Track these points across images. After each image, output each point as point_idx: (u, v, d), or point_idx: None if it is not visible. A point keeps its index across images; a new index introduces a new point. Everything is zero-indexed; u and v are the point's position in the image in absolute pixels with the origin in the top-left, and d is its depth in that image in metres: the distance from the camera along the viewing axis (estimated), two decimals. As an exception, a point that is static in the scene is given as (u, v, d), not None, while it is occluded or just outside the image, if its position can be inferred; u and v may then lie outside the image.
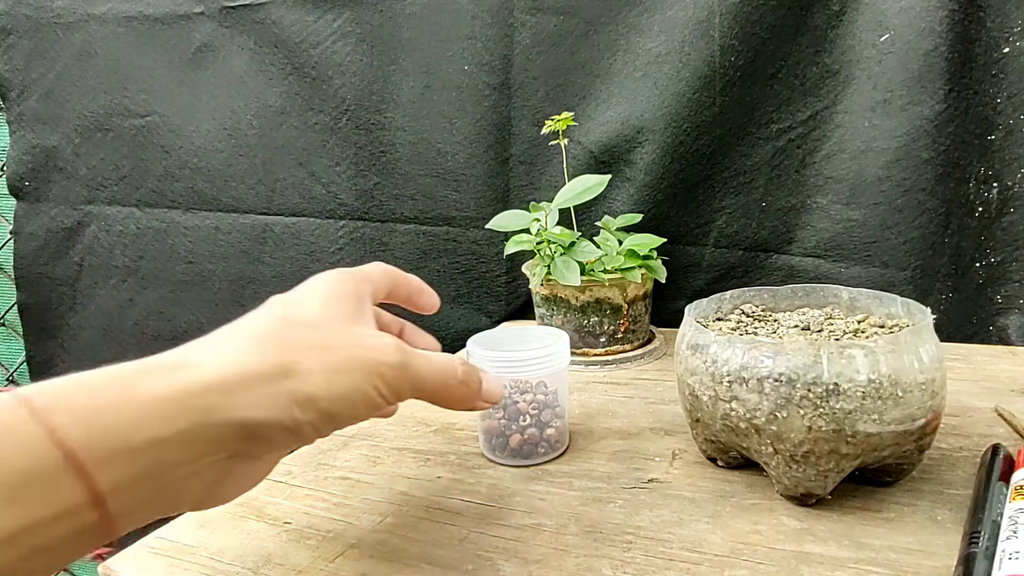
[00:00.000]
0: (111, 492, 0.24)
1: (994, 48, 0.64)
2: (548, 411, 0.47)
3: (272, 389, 0.28)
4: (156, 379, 0.26)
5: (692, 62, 0.70)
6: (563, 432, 0.48)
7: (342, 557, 0.38)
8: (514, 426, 0.47)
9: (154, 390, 0.26)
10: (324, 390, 0.29)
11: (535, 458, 0.47)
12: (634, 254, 0.64)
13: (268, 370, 0.28)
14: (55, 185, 0.98)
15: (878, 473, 0.40)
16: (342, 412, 0.30)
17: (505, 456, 0.47)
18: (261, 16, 0.85)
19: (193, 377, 0.27)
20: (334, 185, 0.86)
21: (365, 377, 0.31)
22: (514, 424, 0.47)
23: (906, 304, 0.43)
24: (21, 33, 0.96)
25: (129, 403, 0.25)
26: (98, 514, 0.24)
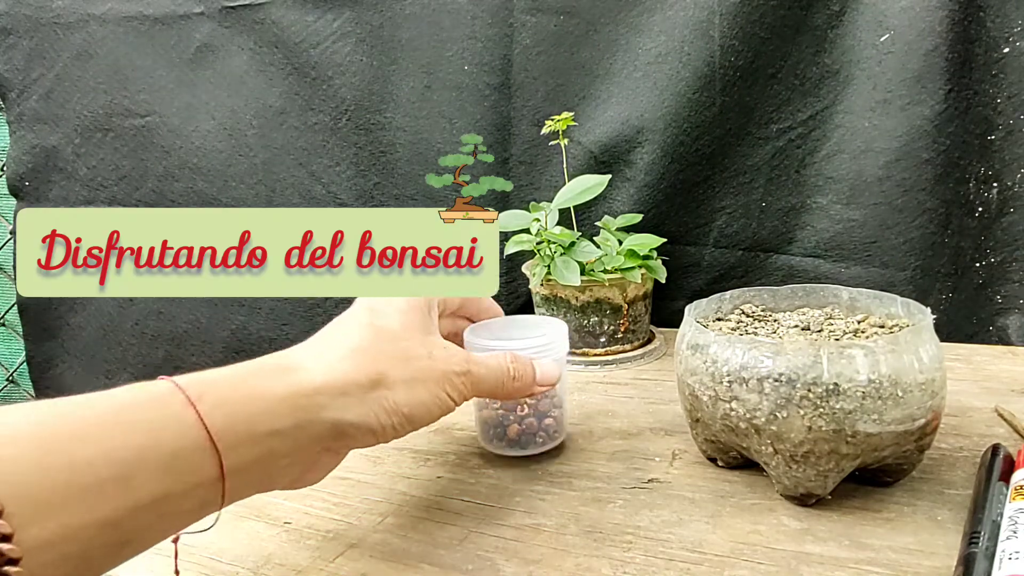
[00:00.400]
0: (232, 472, 0.29)
1: (994, 48, 0.64)
2: (546, 401, 0.47)
3: (365, 396, 0.33)
4: (277, 379, 0.31)
5: (692, 62, 0.70)
6: (561, 422, 0.48)
7: (342, 557, 0.38)
8: (512, 416, 0.47)
9: (275, 389, 0.31)
10: (406, 398, 0.35)
11: (533, 448, 0.47)
12: (634, 254, 0.64)
13: (362, 380, 0.34)
14: (55, 185, 0.98)
15: (878, 473, 0.40)
16: (421, 416, 0.36)
17: (503, 446, 0.47)
18: (261, 16, 0.85)
19: (304, 380, 0.32)
20: (334, 185, 0.86)
21: (438, 386, 0.37)
22: (512, 414, 0.47)
23: (906, 304, 0.43)
24: (21, 33, 0.96)
25: (257, 398, 0.30)
26: (220, 490, 0.29)
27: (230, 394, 0.30)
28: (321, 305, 0.88)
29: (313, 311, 0.88)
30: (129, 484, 0.26)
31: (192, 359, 0.94)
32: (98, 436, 0.26)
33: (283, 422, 0.31)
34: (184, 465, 0.27)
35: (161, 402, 0.28)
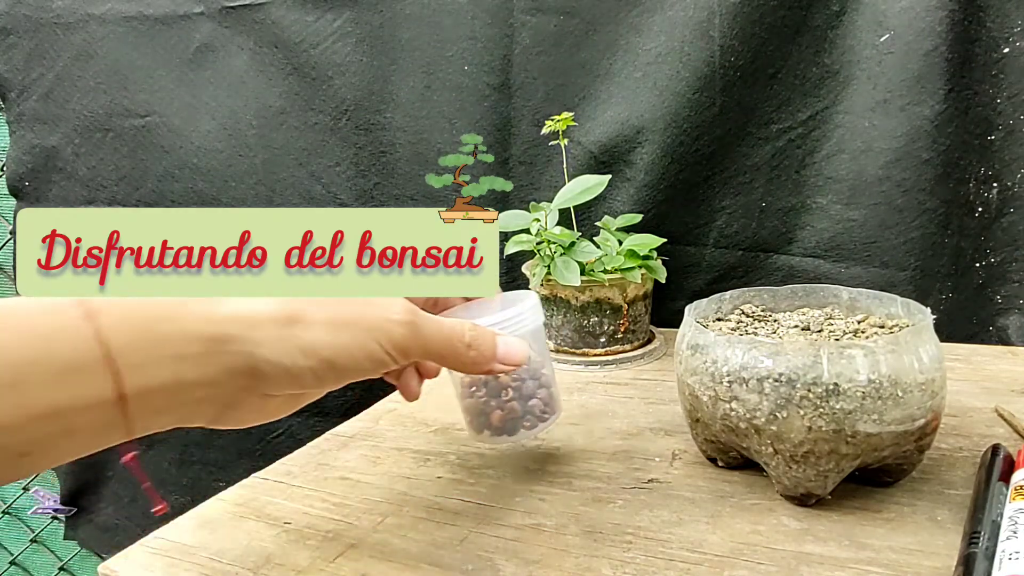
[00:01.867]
0: (134, 395, 0.28)
1: (994, 48, 0.64)
2: (531, 382, 0.44)
3: (279, 332, 0.31)
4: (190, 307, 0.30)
5: (692, 62, 0.70)
6: (550, 401, 0.45)
7: (342, 557, 0.38)
8: (494, 402, 0.44)
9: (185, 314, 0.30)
10: (327, 339, 0.32)
11: (521, 433, 0.44)
12: (634, 254, 0.64)
13: (277, 315, 0.31)
14: (55, 185, 0.98)
15: (878, 473, 0.40)
16: (345, 364, 0.32)
17: (490, 436, 0.44)
18: (261, 16, 0.85)
19: (217, 309, 0.31)
20: (334, 185, 0.86)
21: (370, 332, 0.33)
22: (494, 400, 0.44)
23: (906, 304, 0.43)
24: (21, 33, 0.96)
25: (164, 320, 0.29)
26: (120, 412, 0.28)
27: (136, 312, 0.29)
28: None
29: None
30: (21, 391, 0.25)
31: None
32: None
33: (191, 348, 0.29)
34: (78, 379, 0.27)
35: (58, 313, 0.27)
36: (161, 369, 0.28)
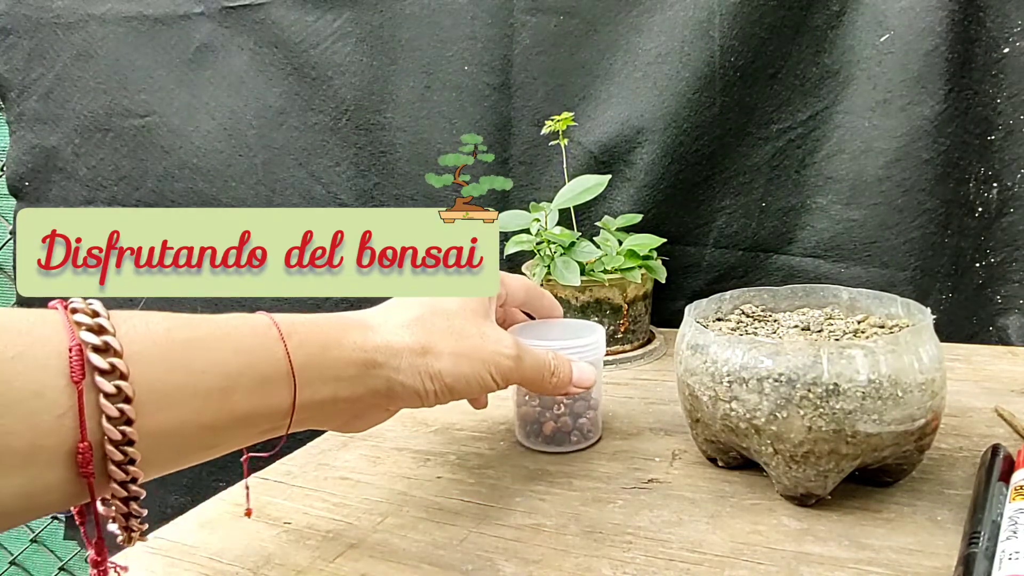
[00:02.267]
0: (301, 406, 0.33)
1: (994, 48, 0.64)
2: (582, 402, 0.48)
3: (413, 360, 0.37)
4: (350, 333, 0.36)
5: (692, 62, 0.70)
6: (596, 423, 0.50)
7: (342, 557, 0.38)
8: (548, 414, 0.48)
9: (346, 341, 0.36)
10: (450, 369, 0.38)
11: (567, 446, 0.48)
12: (634, 254, 0.64)
13: (414, 346, 0.38)
14: (55, 185, 0.98)
15: (878, 473, 0.40)
16: (461, 389, 0.39)
17: (539, 442, 0.49)
18: (261, 16, 0.85)
19: (370, 338, 0.37)
20: (334, 185, 0.86)
21: (484, 364, 0.39)
22: (548, 412, 0.48)
23: (906, 304, 0.43)
24: (21, 33, 0.96)
25: (332, 346, 0.35)
26: (286, 418, 0.33)
27: (312, 337, 0.34)
28: (321, 305, 0.88)
29: (313, 311, 0.88)
30: (229, 396, 0.30)
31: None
32: (211, 350, 0.30)
33: (348, 371, 0.35)
34: (271, 390, 0.32)
35: (260, 332, 0.33)
36: (325, 387, 0.34)
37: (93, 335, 0.26)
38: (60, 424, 0.25)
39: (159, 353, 0.28)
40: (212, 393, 0.29)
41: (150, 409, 0.27)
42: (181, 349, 0.29)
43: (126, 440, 0.26)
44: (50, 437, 0.25)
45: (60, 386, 0.25)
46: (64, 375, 0.25)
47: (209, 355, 0.30)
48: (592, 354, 0.47)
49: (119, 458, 0.26)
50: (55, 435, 0.25)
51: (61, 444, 0.25)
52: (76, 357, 0.26)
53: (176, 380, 0.28)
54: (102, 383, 0.26)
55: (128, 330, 0.28)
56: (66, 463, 0.25)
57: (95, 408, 0.26)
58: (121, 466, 0.26)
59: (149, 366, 0.27)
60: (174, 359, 0.29)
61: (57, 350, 0.26)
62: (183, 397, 0.28)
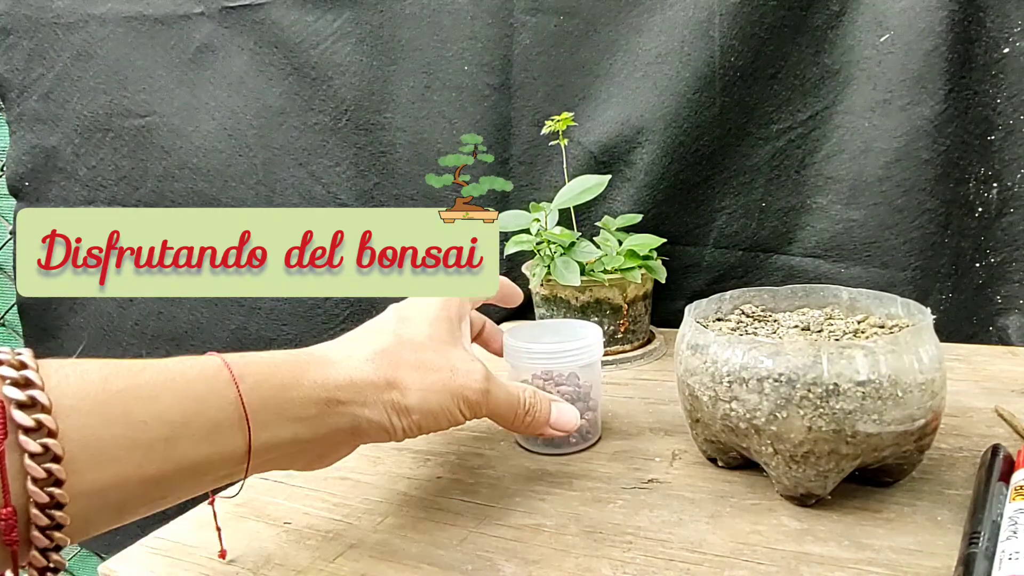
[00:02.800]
0: (257, 450, 0.31)
1: (994, 48, 0.64)
2: (580, 404, 0.48)
3: (379, 397, 0.36)
4: (308, 371, 0.34)
5: (692, 62, 0.70)
6: (595, 424, 0.50)
7: (342, 557, 0.38)
8: None
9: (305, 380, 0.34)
10: (417, 404, 0.37)
11: (566, 448, 0.48)
12: (634, 254, 0.64)
13: (379, 382, 0.36)
14: (55, 185, 0.98)
15: (878, 473, 0.40)
16: (429, 424, 0.38)
17: (538, 444, 0.49)
18: (261, 16, 0.85)
19: (331, 375, 0.35)
20: (334, 185, 0.86)
21: (452, 399, 0.38)
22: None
23: (906, 304, 0.43)
24: (21, 33, 0.96)
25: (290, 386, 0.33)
26: (242, 464, 0.31)
27: (267, 379, 0.32)
28: (321, 305, 0.88)
29: (313, 311, 0.88)
30: (174, 446, 0.28)
31: (192, 359, 0.94)
32: (153, 398, 0.28)
33: (308, 411, 0.33)
34: (221, 436, 0.30)
35: (209, 375, 0.31)
36: (283, 429, 0.33)
37: (17, 390, 0.25)
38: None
39: (93, 405, 0.26)
40: (155, 444, 0.28)
41: (84, 466, 0.25)
42: (118, 399, 0.27)
43: (54, 503, 0.24)
44: None
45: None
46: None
47: (150, 404, 0.28)
48: (588, 357, 0.47)
49: (44, 523, 0.24)
50: None
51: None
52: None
53: (113, 433, 0.27)
54: (26, 442, 0.24)
55: (59, 382, 0.26)
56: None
57: (19, 469, 0.24)
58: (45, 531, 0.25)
59: (83, 420, 0.26)
60: (110, 411, 0.27)
61: None
62: (122, 451, 0.27)
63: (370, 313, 0.43)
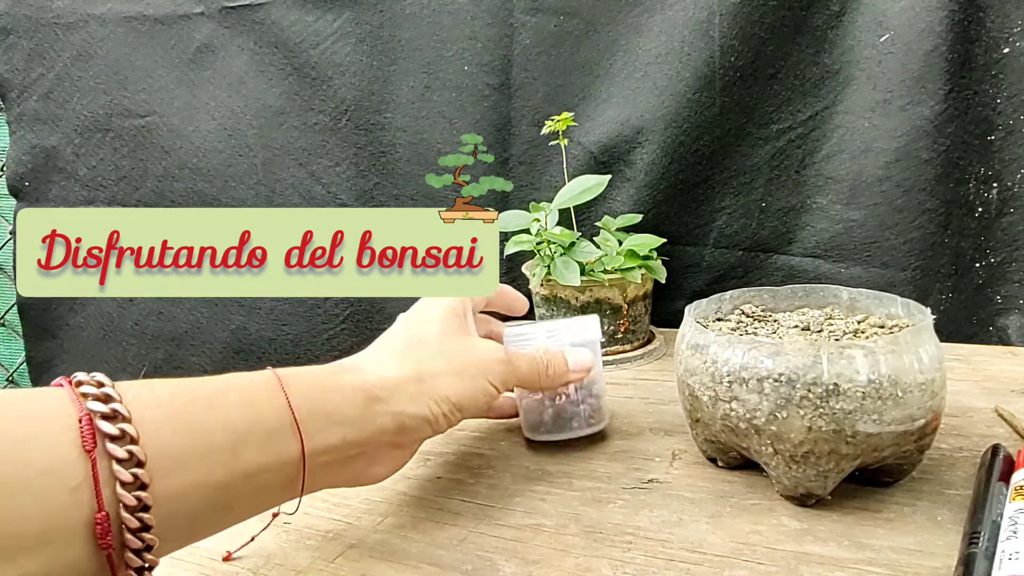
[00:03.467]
0: (311, 455, 0.33)
1: (994, 48, 0.64)
2: (583, 391, 0.49)
3: (414, 388, 0.37)
4: (346, 377, 0.36)
5: (692, 62, 0.70)
6: (598, 411, 0.49)
7: (342, 557, 0.38)
8: (548, 402, 0.49)
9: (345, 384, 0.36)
10: (452, 386, 0.39)
11: (567, 432, 0.49)
12: (634, 254, 0.64)
13: (409, 376, 0.38)
14: (55, 185, 0.98)
15: (878, 473, 0.40)
16: (467, 403, 0.39)
17: (541, 432, 0.49)
18: (261, 16, 0.85)
19: (367, 378, 0.37)
20: (334, 185, 0.86)
21: (482, 373, 0.40)
22: (548, 400, 0.49)
23: (906, 304, 0.43)
24: (21, 33, 0.96)
25: (332, 391, 0.35)
26: (299, 470, 0.32)
27: (310, 385, 0.34)
28: (321, 305, 0.88)
29: (313, 311, 0.88)
30: (238, 453, 0.30)
31: (192, 359, 0.94)
32: (215, 408, 0.30)
33: (353, 411, 0.35)
34: (278, 442, 0.31)
35: (259, 385, 0.32)
36: (332, 432, 0.34)
37: (100, 403, 0.27)
38: (74, 498, 0.25)
39: (165, 416, 0.28)
40: (221, 452, 0.29)
41: (162, 473, 0.27)
42: (186, 411, 0.29)
43: (141, 506, 0.26)
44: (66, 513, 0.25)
45: (72, 458, 0.25)
46: (76, 446, 0.25)
47: (214, 414, 0.30)
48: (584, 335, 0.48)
49: (135, 525, 0.26)
50: (71, 510, 0.25)
51: (77, 518, 0.25)
52: (86, 426, 0.26)
53: (184, 442, 0.28)
54: (113, 449, 0.26)
55: (133, 397, 0.28)
56: (84, 538, 0.25)
57: (109, 475, 0.26)
58: (137, 534, 0.26)
59: (157, 430, 0.27)
60: (180, 421, 0.29)
61: (67, 423, 0.26)
62: (193, 458, 0.28)
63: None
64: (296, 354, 0.87)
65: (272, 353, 0.90)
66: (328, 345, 0.86)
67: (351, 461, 0.36)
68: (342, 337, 0.87)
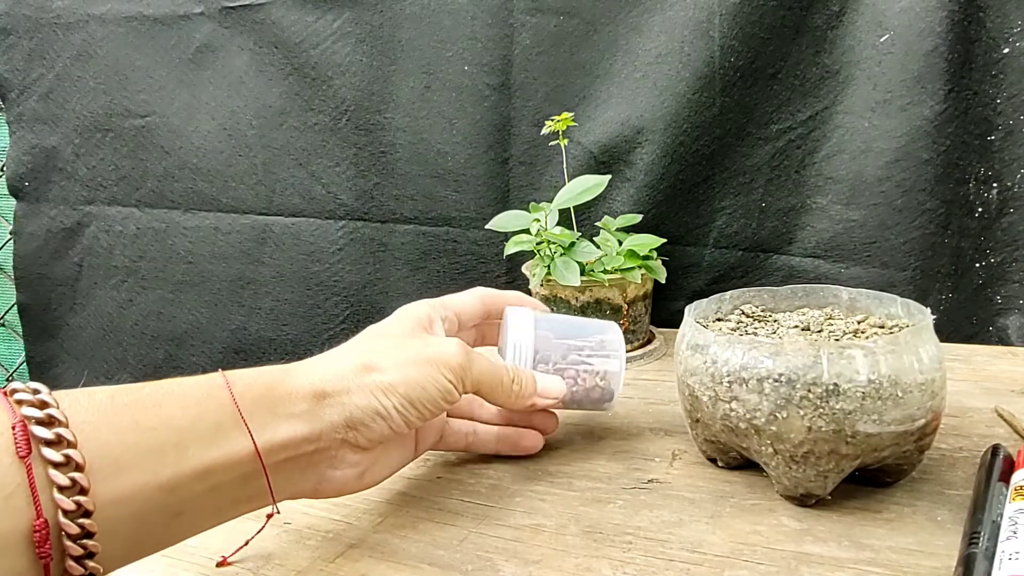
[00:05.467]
0: (264, 450, 0.32)
1: (994, 48, 0.64)
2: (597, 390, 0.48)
3: (361, 380, 0.36)
4: (288, 375, 0.35)
5: (692, 62, 0.70)
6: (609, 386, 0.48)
7: (342, 557, 0.38)
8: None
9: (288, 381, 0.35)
10: (400, 377, 0.37)
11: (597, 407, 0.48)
12: (634, 254, 0.64)
13: (356, 366, 0.37)
14: (55, 185, 0.98)
15: (878, 474, 0.40)
16: (419, 396, 0.38)
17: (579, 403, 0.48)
18: (261, 16, 0.85)
19: (309, 374, 0.36)
20: (334, 185, 0.86)
21: (432, 365, 0.38)
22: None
23: (906, 304, 0.43)
24: (21, 33, 0.96)
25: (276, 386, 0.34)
26: (256, 467, 0.32)
27: (256, 380, 0.34)
28: (321, 306, 0.88)
29: (313, 311, 0.88)
30: (183, 451, 0.29)
31: (192, 359, 0.94)
32: (158, 406, 0.30)
33: (300, 406, 0.34)
34: (225, 438, 0.31)
35: (204, 383, 0.32)
36: (279, 427, 0.33)
37: (35, 409, 0.26)
38: (10, 506, 0.24)
39: (105, 418, 0.28)
40: (165, 449, 0.29)
41: (103, 476, 0.26)
42: (127, 410, 0.29)
43: (82, 511, 0.25)
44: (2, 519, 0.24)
45: (5, 465, 0.24)
46: (9, 453, 0.25)
47: (156, 412, 0.30)
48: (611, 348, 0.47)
49: (75, 531, 0.25)
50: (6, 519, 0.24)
51: (13, 527, 0.24)
52: (20, 432, 0.25)
53: (126, 441, 0.28)
54: (49, 453, 0.25)
55: (70, 403, 0.27)
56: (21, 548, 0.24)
57: (46, 481, 0.25)
58: (78, 541, 0.25)
59: (96, 432, 0.27)
60: (121, 421, 0.28)
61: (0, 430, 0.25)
62: (136, 458, 0.28)
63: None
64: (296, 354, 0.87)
65: (272, 353, 0.90)
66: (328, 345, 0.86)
67: (311, 462, 0.35)
68: (342, 337, 0.86)
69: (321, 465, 0.36)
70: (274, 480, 0.33)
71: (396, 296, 0.84)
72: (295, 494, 0.36)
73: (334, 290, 0.87)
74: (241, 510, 0.33)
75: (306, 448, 0.34)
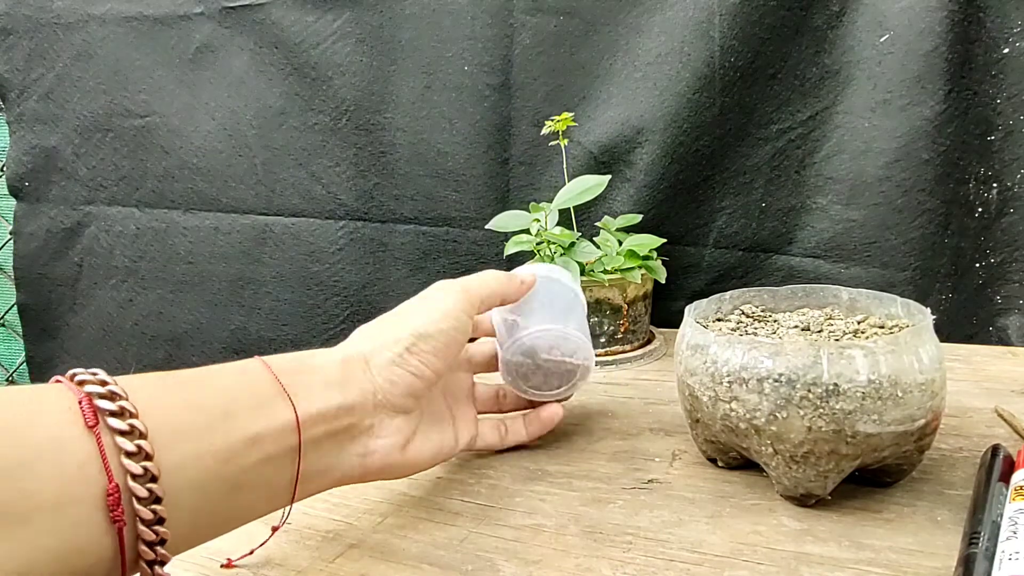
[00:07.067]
0: (304, 419, 0.34)
1: (994, 48, 0.64)
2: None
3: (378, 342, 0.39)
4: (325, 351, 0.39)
5: (692, 62, 0.70)
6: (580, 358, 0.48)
7: (342, 557, 0.38)
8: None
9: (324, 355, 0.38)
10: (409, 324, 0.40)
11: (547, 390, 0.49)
12: (634, 254, 0.64)
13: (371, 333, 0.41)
14: (55, 185, 0.98)
15: (878, 474, 0.40)
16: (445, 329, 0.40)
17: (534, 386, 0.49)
18: (261, 16, 0.85)
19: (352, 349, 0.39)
20: (334, 185, 0.86)
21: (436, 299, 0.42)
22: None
23: (906, 304, 0.43)
24: (21, 33, 0.96)
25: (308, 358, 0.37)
26: (296, 435, 0.33)
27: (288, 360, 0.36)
28: (321, 306, 0.88)
29: (313, 311, 0.88)
30: (232, 420, 0.31)
31: (192, 359, 0.94)
32: (204, 384, 0.32)
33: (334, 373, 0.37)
34: (270, 408, 0.33)
35: (241, 365, 0.35)
36: (317, 396, 0.35)
37: (97, 386, 0.28)
38: (83, 473, 0.26)
39: (158, 393, 0.30)
40: (216, 419, 0.31)
41: (163, 443, 0.28)
42: (176, 387, 0.31)
43: (149, 476, 0.27)
44: (77, 487, 0.26)
45: (76, 436, 0.26)
46: (79, 426, 0.26)
47: (204, 389, 0.32)
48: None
49: (144, 494, 0.27)
50: (81, 486, 0.26)
51: (88, 494, 0.26)
52: (87, 405, 0.27)
53: (180, 413, 0.30)
54: (115, 423, 0.27)
55: (127, 382, 0.29)
56: (96, 514, 0.26)
57: (114, 448, 0.27)
58: (148, 505, 0.27)
59: (153, 405, 0.29)
60: (172, 396, 0.31)
61: (67, 406, 0.27)
62: (190, 428, 0.30)
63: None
64: (296, 354, 0.87)
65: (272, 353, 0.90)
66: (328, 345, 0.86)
67: (350, 435, 0.37)
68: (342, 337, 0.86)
69: (362, 436, 0.37)
70: (318, 458, 0.35)
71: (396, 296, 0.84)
72: (343, 475, 0.37)
73: (334, 290, 0.87)
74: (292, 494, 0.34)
75: (344, 419, 0.36)
